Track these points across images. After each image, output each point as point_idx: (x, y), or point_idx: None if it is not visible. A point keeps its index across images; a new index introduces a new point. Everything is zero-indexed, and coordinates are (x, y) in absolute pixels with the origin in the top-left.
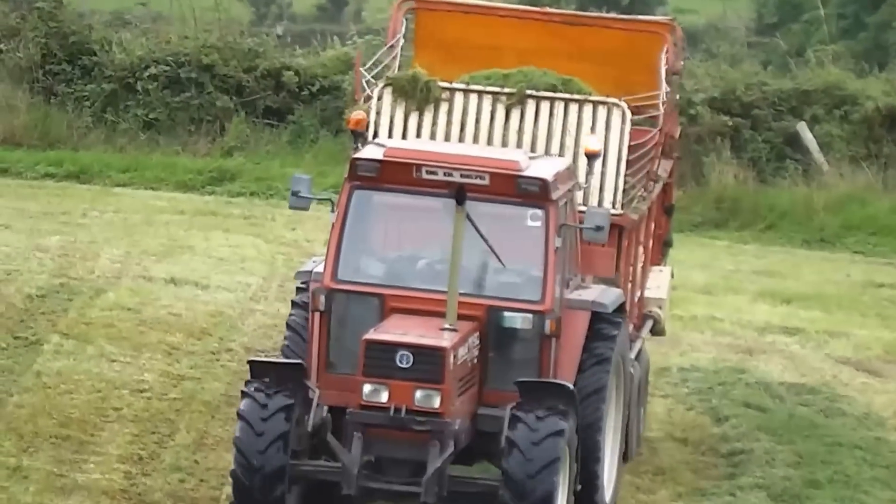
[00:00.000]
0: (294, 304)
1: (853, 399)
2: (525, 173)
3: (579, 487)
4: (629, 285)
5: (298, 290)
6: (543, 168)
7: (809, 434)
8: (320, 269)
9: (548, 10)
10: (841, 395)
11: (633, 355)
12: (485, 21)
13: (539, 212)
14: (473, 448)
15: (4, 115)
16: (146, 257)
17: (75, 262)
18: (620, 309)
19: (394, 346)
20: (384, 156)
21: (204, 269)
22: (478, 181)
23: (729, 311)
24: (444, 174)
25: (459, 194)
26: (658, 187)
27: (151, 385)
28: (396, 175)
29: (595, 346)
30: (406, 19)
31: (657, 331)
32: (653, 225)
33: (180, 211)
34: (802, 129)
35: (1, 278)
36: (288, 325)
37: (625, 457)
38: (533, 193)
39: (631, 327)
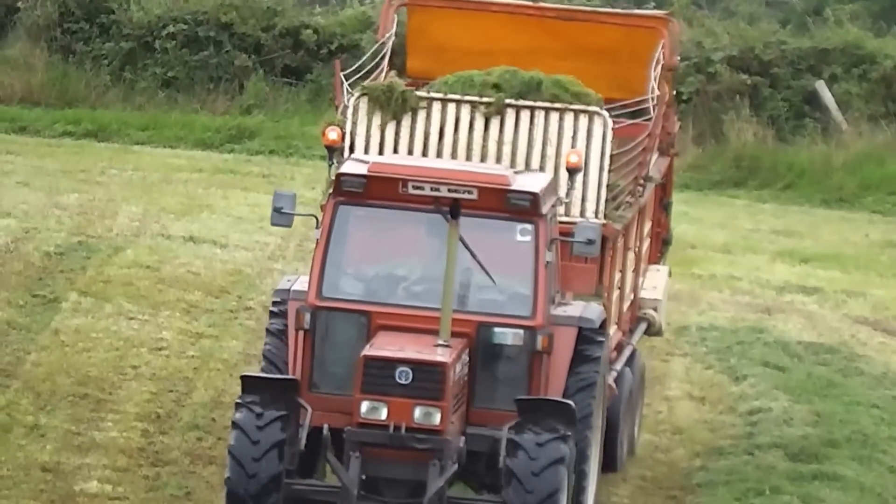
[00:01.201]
0: (268, 332)
1: (871, 358)
2: (514, 188)
3: None
4: (616, 293)
5: (272, 314)
6: (530, 182)
7: (827, 393)
8: (297, 286)
9: (541, 5)
10: (859, 355)
11: (622, 363)
12: (477, 19)
13: (529, 226)
14: (462, 468)
15: (22, 73)
16: (165, 215)
17: (94, 220)
18: (602, 326)
19: (393, 363)
20: (369, 171)
21: (222, 228)
22: (466, 196)
23: (748, 271)
24: (432, 189)
25: (454, 208)
26: (650, 188)
27: (169, 343)
28: (382, 190)
29: (580, 371)
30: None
31: (652, 332)
32: (648, 225)
33: (199, 169)
34: (821, 87)
35: (19, 236)
36: (264, 356)
37: (613, 466)
38: (523, 208)
39: (620, 334)
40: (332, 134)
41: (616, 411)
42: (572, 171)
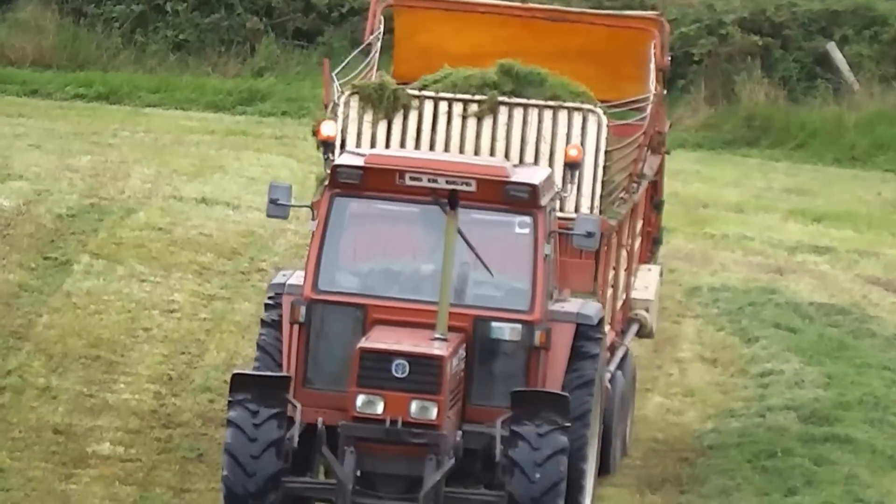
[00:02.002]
0: (263, 322)
1: (883, 320)
2: (513, 179)
3: None
4: (610, 291)
5: (267, 306)
6: (529, 175)
7: (839, 355)
8: (293, 281)
9: (530, 6)
10: (870, 316)
11: (615, 364)
12: (465, 21)
13: (527, 219)
14: (457, 464)
15: (34, 36)
16: (177, 177)
17: (106, 183)
18: (600, 323)
19: (390, 355)
20: (366, 162)
21: (235, 189)
22: (464, 188)
23: (760, 230)
24: (429, 180)
25: (452, 198)
26: (643, 186)
27: (182, 305)
28: (379, 182)
29: (578, 368)
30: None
31: (644, 334)
32: (639, 224)
33: (211, 131)
34: (832, 49)
35: (31, 198)
36: (259, 346)
37: (607, 469)
38: (522, 200)
39: (613, 334)
40: (328, 129)
41: (610, 413)
42: (572, 166)
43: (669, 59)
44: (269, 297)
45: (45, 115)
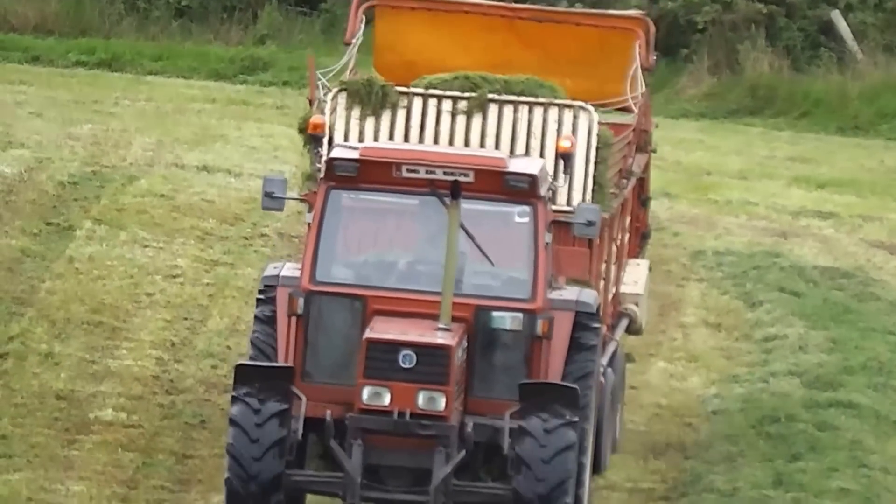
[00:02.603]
0: (257, 319)
1: (887, 283)
2: (512, 169)
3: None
4: (601, 283)
5: (260, 301)
6: (526, 165)
7: (843, 319)
8: (288, 273)
9: (515, 6)
10: (874, 280)
11: (605, 360)
12: (447, 23)
13: (527, 208)
14: (467, 455)
15: (36, 2)
16: (178, 145)
17: (107, 150)
18: (598, 310)
19: (397, 346)
20: (362, 155)
21: (237, 158)
22: (462, 179)
23: (763, 196)
24: (427, 172)
25: (454, 188)
26: (631, 183)
27: (184, 270)
28: (375, 174)
29: (576, 359)
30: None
31: (633, 330)
32: (628, 219)
33: (212, 100)
34: (836, 17)
35: (33, 166)
36: (252, 343)
37: (598, 467)
38: (521, 190)
39: (604, 329)
40: (317, 119)
41: (601, 409)
42: (565, 157)
43: (655, 58)
44: (261, 291)
45: (46, 82)
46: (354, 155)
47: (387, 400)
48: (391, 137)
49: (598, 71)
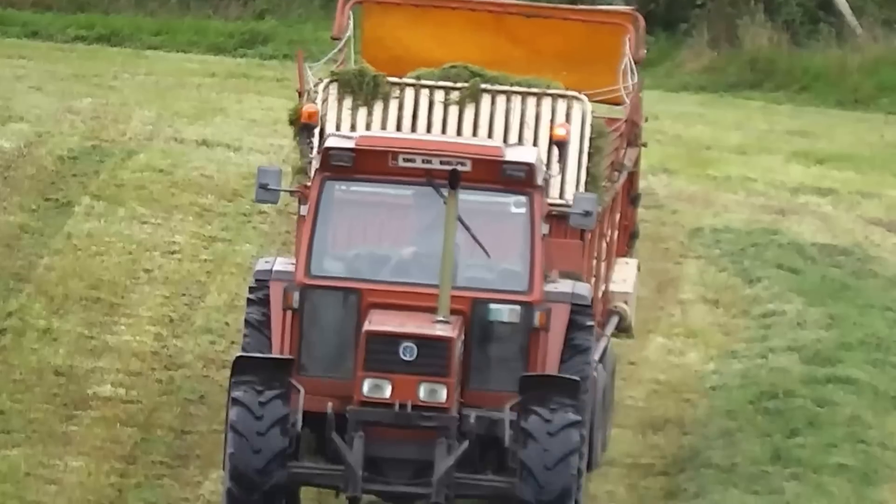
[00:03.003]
0: (247, 322)
1: (885, 260)
2: (509, 158)
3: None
4: (592, 280)
5: (250, 302)
6: (523, 154)
7: (841, 296)
8: (280, 267)
9: (503, 1)
10: (872, 257)
11: (597, 356)
12: (435, 21)
13: (523, 198)
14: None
15: None
16: (178, 119)
17: (107, 125)
18: (591, 303)
19: (397, 338)
20: (357, 144)
21: (236, 132)
22: (459, 168)
23: (762, 172)
24: (423, 161)
25: (453, 177)
26: (623, 177)
27: (182, 247)
28: (371, 164)
29: (573, 338)
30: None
31: (623, 328)
32: (618, 216)
33: (212, 73)
34: None
35: (32, 140)
36: (244, 349)
37: (590, 464)
38: (518, 179)
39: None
40: (310, 108)
41: (593, 406)
42: (560, 145)
43: (645, 51)
44: (251, 289)
45: (45, 57)
46: (350, 144)
47: (388, 392)
48: (383, 128)
49: (587, 66)
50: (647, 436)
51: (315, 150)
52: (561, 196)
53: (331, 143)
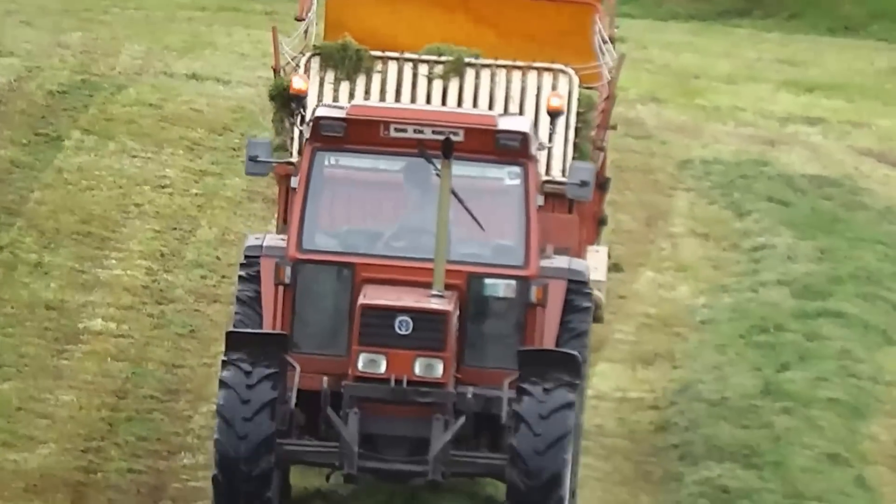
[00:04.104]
0: (239, 300)
1: (875, 192)
2: (503, 128)
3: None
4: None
5: (241, 279)
6: (517, 123)
7: (831, 229)
8: (271, 243)
9: None
10: (863, 188)
11: None
12: (399, 2)
13: (517, 169)
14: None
15: None
16: (168, 53)
17: (97, 59)
18: (588, 280)
19: (392, 311)
20: (349, 114)
21: (226, 65)
22: (452, 138)
23: (751, 101)
24: (415, 131)
25: (446, 146)
26: (602, 157)
27: (173, 181)
28: (362, 134)
29: (570, 326)
30: None
31: (596, 317)
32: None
33: (202, 7)
34: None
35: (22, 75)
36: (235, 327)
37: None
38: (512, 149)
39: None
40: (300, 82)
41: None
42: (554, 115)
43: (617, 28)
44: (242, 266)
45: None
46: (341, 114)
47: (383, 367)
48: None
49: (557, 47)
50: (638, 370)
51: (302, 124)
52: (547, 172)
53: (321, 112)
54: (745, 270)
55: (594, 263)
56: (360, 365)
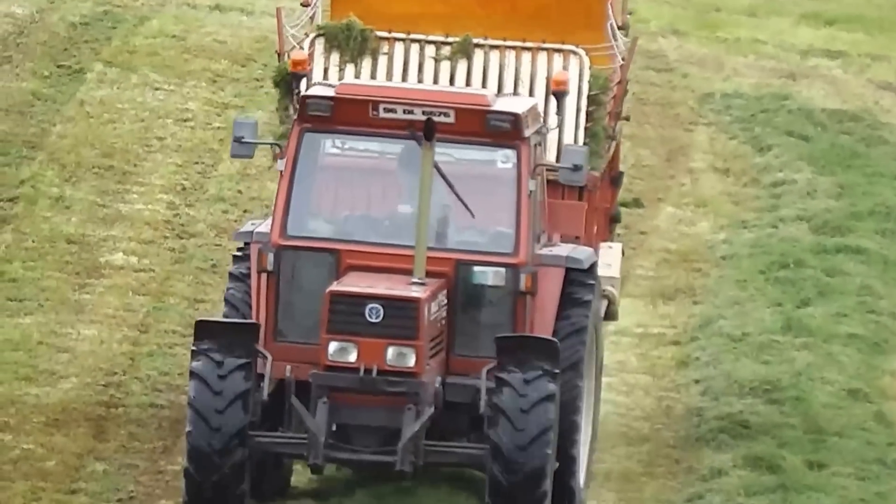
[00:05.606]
0: (231, 275)
1: (894, 127)
2: (495, 108)
3: (556, 465)
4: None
5: (236, 258)
6: (512, 104)
7: (851, 164)
8: (262, 229)
9: None
10: (882, 123)
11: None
12: None
13: (510, 152)
14: (440, 421)
15: None
16: None
17: None
18: (592, 269)
19: (362, 299)
20: (337, 93)
21: None
22: (442, 119)
23: (772, 34)
24: (405, 111)
25: (428, 128)
26: (613, 147)
27: (195, 114)
28: (351, 114)
29: (568, 315)
30: None
31: (610, 313)
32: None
33: None
34: None
35: (44, 7)
36: (226, 301)
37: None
38: (504, 131)
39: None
40: (299, 55)
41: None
42: (559, 95)
43: (629, 14)
44: (239, 248)
45: None
46: (329, 93)
47: (353, 356)
48: None
49: (566, 26)
50: (658, 305)
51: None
52: (557, 160)
53: (310, 91)
54: (765, 206)
55: (608, 260)
56: (329, 353)
